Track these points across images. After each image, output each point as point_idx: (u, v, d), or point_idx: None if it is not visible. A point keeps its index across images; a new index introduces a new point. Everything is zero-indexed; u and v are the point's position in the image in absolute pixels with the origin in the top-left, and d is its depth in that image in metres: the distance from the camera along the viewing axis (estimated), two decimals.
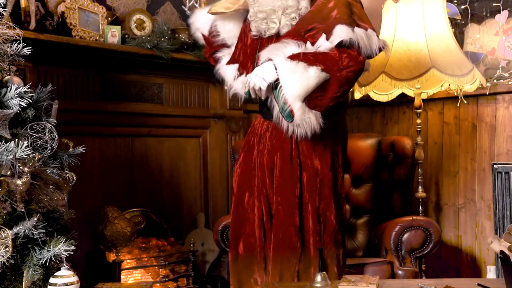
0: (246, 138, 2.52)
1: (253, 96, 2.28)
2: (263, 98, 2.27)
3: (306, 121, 2.15)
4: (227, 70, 2.50)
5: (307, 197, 2.30)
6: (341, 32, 2.17)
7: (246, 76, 2.33)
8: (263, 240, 2.37)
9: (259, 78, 2.19)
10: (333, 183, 2.34)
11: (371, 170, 3.25)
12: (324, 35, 2.17)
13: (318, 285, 2.42)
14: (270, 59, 2.18)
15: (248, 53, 2.42)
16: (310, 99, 2.14)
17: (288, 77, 2.13)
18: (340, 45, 2.17)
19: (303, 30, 2.23)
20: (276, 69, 2.15)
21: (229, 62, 2.50)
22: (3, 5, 2.14)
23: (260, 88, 2.20)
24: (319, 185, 2.30)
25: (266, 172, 2.37)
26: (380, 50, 2.29)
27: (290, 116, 2.15)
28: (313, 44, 2.18)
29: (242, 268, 2.42)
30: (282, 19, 2.31)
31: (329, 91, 2.16)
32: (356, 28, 2.19)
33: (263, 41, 2.35)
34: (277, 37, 2.31)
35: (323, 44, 2.17)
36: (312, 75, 2.12)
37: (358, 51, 2.18)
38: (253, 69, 2.34)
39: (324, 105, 2.17)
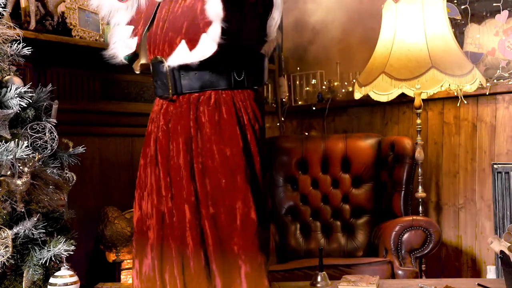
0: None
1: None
2: None
3: None
4: (120, 30, 2.04)
5: (214, 192, 1.84)
6: None
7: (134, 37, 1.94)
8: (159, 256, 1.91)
9: None
10: (251, 172, 1.87)
11: (371, 170, 3.25)
12: None
13: (318, 285, 2.43)
14: None
15: (144, 14, 2.01)
16: None
17: None
18: None
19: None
20: None
21: (128, 23, 2.06)
22: (3, 5, 2.15)
23: None
24: (231, 175, 1.84)
25: (160, 161, 1.92)
26: None
27: None
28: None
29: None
30: None
31: None
32: None
33: (162, 3, 1.96)
34: None
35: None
36: None
37: None
38: (143, 31, 1.96)
39: None
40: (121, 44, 2.00)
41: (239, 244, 1.80)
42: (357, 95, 3.36)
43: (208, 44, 1.80)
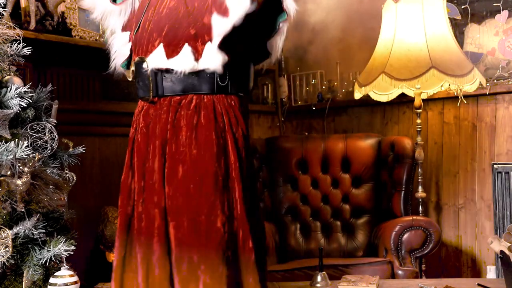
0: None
1: None
2: None
3: None
4: (118, 38, 1.99)
5: (181, 199, 1.76)
6: None
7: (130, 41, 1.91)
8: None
9: None
10: (224, 179, 1.78)
11: (371, 170, 3.25)
12: None
13: (318, 285, 2.43)
14: None
15: (135, 17, 1.96)
16: None
17: None
18: None
19: None
20: None
21: (123, 29, 2.00)
22: (3, 5, 2.14)
23: None
24: (199, 180, 1.76)
25: (136, 164, 1.87)
26: None
27: None
28: None
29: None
30: None
31: None
32: None
33: (150, 4, 1.92)
34: None
35: None
36: None
37: None
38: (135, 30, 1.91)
39: None
40: (118, 53, 1.96)
41: (200, 253, 1.73)
42: (357, 95, 3.36)
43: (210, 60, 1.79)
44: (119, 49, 1.96)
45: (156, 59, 1.82)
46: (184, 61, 1.78)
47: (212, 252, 1.73)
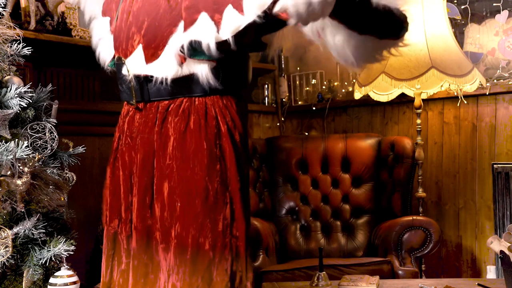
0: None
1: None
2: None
3: None
4: (100, 23, 1.74)
5: (169, 219, 1.53)
6: None
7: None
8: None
9: None
10: (215, 191, 1.53)
11: (371, 170, 3.25)
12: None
13: (318, 285, 2.43)
14: None
15: (114, 4, 1.70)
16: None
17: None
18: None
19: None
20: None
21: (103, 13, 1.74)
22: (3, 5, 2.14)
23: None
24: (187, 198, 1.52)
25: (122, 178, 1.69)
26: None
27: None
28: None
29: None
30: None
31: None
32: None
33: None
34: None
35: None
36: None
37: None
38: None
39: None
40: (103, 45, 1.71)
41: (183, 279, 1.50)
42: (357, 95, 3.36)
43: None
44: (103, 38, 1.71)
45: (135, 64, 1.58)
46: (165, 67, 1.52)
47: (196, 278, 1.50)
